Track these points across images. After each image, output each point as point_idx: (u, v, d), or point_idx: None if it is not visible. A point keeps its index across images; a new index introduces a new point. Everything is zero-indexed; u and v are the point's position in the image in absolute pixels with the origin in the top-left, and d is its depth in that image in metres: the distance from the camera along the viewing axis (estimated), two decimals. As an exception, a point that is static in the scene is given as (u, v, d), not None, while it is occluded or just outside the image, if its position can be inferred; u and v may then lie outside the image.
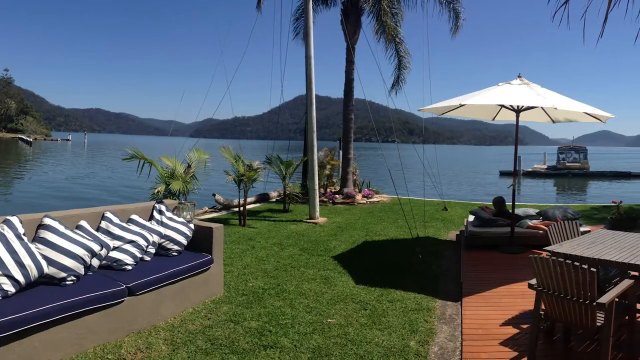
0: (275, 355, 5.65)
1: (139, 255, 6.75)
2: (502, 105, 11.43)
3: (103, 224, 6.78)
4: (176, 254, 7.39)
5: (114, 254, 6.44)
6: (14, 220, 5.59)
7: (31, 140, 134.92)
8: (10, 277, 5.10)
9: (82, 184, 37.81)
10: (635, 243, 6.72)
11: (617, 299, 5.17)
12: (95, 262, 6.20)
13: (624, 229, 10.90)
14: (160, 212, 7.71)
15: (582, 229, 10.07)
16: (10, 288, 5.07)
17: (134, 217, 7.27)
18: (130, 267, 6.49)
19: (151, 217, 7.64)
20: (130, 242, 6.70)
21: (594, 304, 4.89)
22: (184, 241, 7.53)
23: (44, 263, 5.45)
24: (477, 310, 7.35)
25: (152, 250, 7.11)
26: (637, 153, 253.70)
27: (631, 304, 5.62)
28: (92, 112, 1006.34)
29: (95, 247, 6.05)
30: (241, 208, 14.28)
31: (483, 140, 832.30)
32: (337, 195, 19.80)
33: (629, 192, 38.22)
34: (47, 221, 5.94)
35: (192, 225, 7.79)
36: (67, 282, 5.66)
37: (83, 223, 6.44)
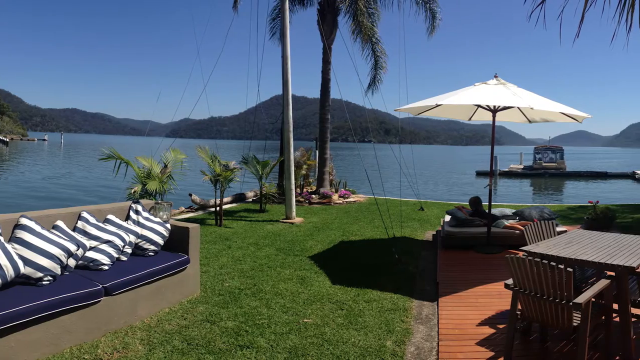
0: (252, 355, 5.67)
1: (116, 255, 6.75)
2: (479, 105, 11.44)
3: (79, 224, 6.77)
4: (153, 254, 7.39)
5: (91, 254, 6.44)
6: (-10, 220, 5.59)
7: (7, 140, 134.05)
8: (-13, 277, 5.10)
9: (59, 184, 37.60)
10: (611, 243, 6.73)
11: (593, 299, 5.19)
12: (72, 262, 6.20)
13: (601, 229, 11.02)
14: (137, 212, 7.71)
15: (558, 229, 10.14)
16: (-14, 288, 5.07)
17: (111, 217, 7.26)
18: (106, 267, 6.49)
19: (127, 217, 7.64)
20: (107, 242, 6.69)
21: (571, 304, 4.91)
22: (160, 241, 7.53)
23: (20, 263, 5.45)
24: (453, 310, 7.38)
25: (129, 250, 7.11)
26: (614, 153, 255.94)
27: (607, 304, 5.63)
28: (69, 112, 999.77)
29: (72, 247, 6.05)
30: (217, 208, 14.27)
31: (459, 140, 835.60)
32: (313, 195, 19.82)
33: (605, 192, 38.51)
34: (24, 221, 5.93)
35: (168, 226, 7.80)
36: (44, 282, 5.65)
37: (59, 223, 6.44)
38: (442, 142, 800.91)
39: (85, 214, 6.90)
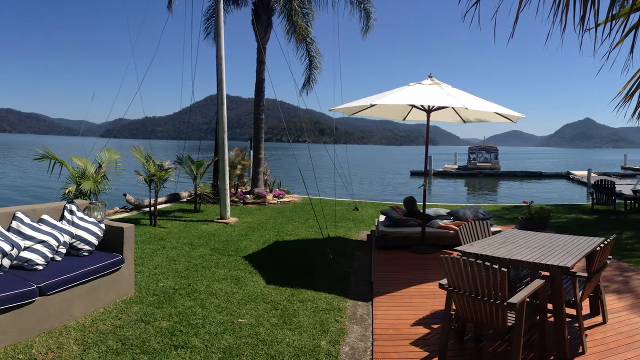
0: (186, 355, 5.72)
1: (50, 255, 6.73)
2: (413, 105, 11.55)
3: (14, 224, 6.73)
4: (87, 254, 7.38)
5: (25, 254, 6.41)
6: None
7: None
8: None
9: (-7, 184, 36.88)
10: (546, 243, 6.91)
11: (528, 299, 5.28)
12: (6, 262, 6.17)
13: (535, 228, 11.28)
14: (71, 212, 7.69)
15: (493, 229, 10.34)
16: None
17: (45, 217, 7.24)
18: (41, 267, 6.48)
19: (62, 217, 7.61)
20: (41, 242, 6.68)
21: (505, 304, 4.99)
22: (94, 241, 7.52)
23: (-47, 264, 5.42)
24: (388, 310, 7.44)
25: (63, 250, 7.09)
26: (548, 153, 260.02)
27: (542, 303, 5.72)
28: (3, 112, 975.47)
29: (6, 247, 6.03)
30: (152, 208, 14.22)
31: (394, 140, 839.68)
32: (248, 195, 19.83)
33: (540, 192, 38.93)
34: (-44, 222, 5.89)
35: (103, 225, 7.79)
36: (-23, 283, 5.63)
37: (-7, 223, 6.41)
38: (377, 142, 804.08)
39: (19, 214, 6.87)
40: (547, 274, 5.86)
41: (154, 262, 9.89)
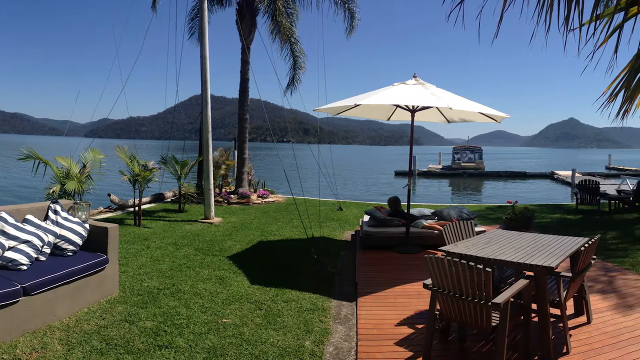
0: (171, 355, 5.71)
1: (34, 255, 6.70)
2: (398, 105, 11.55)
3: (-3, 224, 6.71)
4: (71, 254, 7.34)
5: (9, 254, 6.38)
6: None
7: None
8: None
9: (-23, 184, 36.68)
10: (530, 243, 6.92)
11: (512, 299, 5.27)
12: (-10, 263, 6.15)
13: (519, 228, 11.29)
14: (56, 212, 7.66)
15: (477, 229, 10.36)
16: None
17: (29, 217, 7.20)
18: (25, 267, 6.44)
19: (46, 217, 7.58)
20: (26, 242, 6.64)
21: (489, 304, 4.98)
22: (79, 241, 7.49)
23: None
24: (372, 310, 7.43)
25: (48, 250, 7.06)
26: (533, 153, 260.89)
27: (526, 303, 5.72)
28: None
29: (-10, 248, 6.01)
30: (136, 208, 14.18)
31: (378, 140, 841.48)
32: (232, 195, 19.82)
33: (524, 192, 39.02)
34: (-61, 222, 5.86)
35: (87, 225, 7.76)
36: (-39, 283, 5.60)
37: (-24, 223, 6.37)
38: (361, 142, 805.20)
39: (3, 214, 6.82)
40: (532, 274, 5.85)
41: (138, 262, 9.86)
